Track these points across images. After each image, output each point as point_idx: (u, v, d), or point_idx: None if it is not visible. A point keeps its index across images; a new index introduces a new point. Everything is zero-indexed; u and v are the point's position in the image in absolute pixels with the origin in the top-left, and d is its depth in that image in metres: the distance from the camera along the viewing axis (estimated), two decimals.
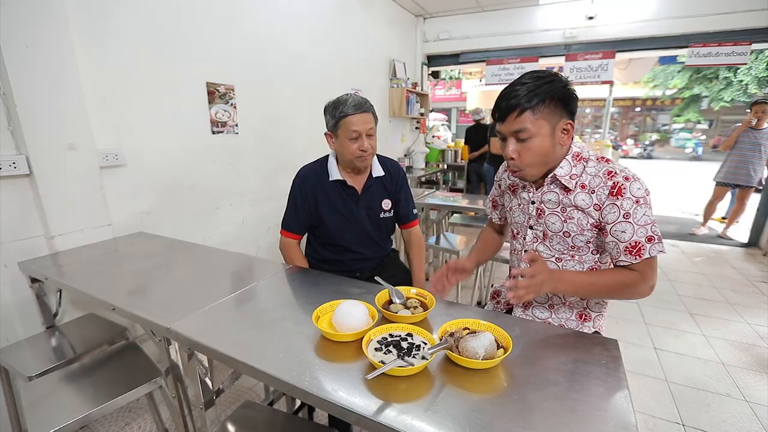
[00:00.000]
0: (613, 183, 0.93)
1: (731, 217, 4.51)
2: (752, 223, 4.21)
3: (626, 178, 0.93)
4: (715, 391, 1.93)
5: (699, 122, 15.48)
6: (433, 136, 5.85)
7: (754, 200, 4.25)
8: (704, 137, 15.42)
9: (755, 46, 3.75)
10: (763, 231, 4.08)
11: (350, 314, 0.89)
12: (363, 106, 1.31)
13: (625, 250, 0.94)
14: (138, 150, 1.85)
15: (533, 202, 1.08)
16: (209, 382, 1.04)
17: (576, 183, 0.99)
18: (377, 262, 1.57)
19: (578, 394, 0.74)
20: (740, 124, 4.14)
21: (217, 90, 2.21)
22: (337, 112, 1.31)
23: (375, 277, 1.15)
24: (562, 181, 0.99)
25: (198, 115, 2.14)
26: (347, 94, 1.35)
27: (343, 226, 1.46)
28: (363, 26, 3.67)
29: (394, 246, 1.70)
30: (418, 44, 4.83)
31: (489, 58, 4.76)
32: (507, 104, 0.93)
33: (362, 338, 0.87)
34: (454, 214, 3.57)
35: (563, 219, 1.02)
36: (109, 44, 1.69)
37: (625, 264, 0.95)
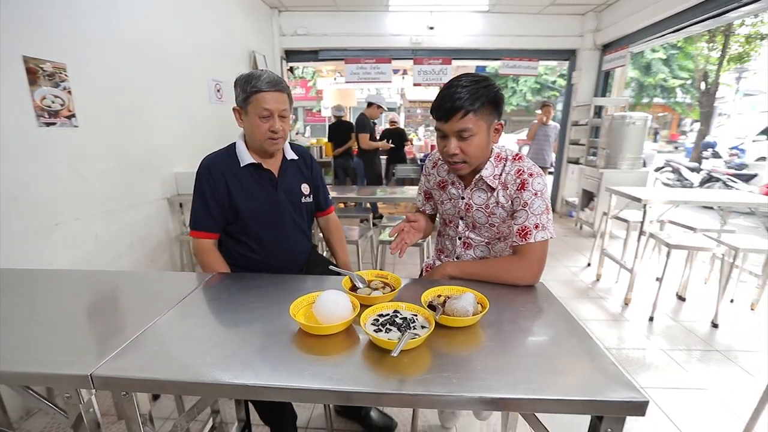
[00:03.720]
0: (521, 180, 1.09)
1: None
2: (549, 194, 5.68)
3: (530, 175, 1.08)
4: None
5: None
6: (297, 133, 5.73)
7: (549, 180, 5.75)
8: None
9: (541, 63, 5.03)
10: (557, 200, 5.56)
11: (336, 303, 0.85)
12: (278, 85, 1.22)
13: (516, 232, 1.08)
14: None
15: (463, 198, 1.20)
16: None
17: (498, 182, 1.12)
18: (304, 258, 1.48)
19: (546, 329, 0.91)
20: (536, 121, 5.48)
21: (41, 68, 1.66)
22: (249, 87, 1.19)
23: (330, 267, 1.10)
24: (488, 182, 1.12)
25: (13, 100, 1.57)
26: (262, 69, 1.24)
27: (263, 216, 1.32)
28: (219, 11, 3.30)
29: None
30: (275, 38, 4.63)
31: (347, 57, 4.94)
32: (452, 106, 0.99)
33: (348, 327, 0.85)
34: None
35: (487, 215, 1.17)
36: None
37: (516, 245, 1.09)
